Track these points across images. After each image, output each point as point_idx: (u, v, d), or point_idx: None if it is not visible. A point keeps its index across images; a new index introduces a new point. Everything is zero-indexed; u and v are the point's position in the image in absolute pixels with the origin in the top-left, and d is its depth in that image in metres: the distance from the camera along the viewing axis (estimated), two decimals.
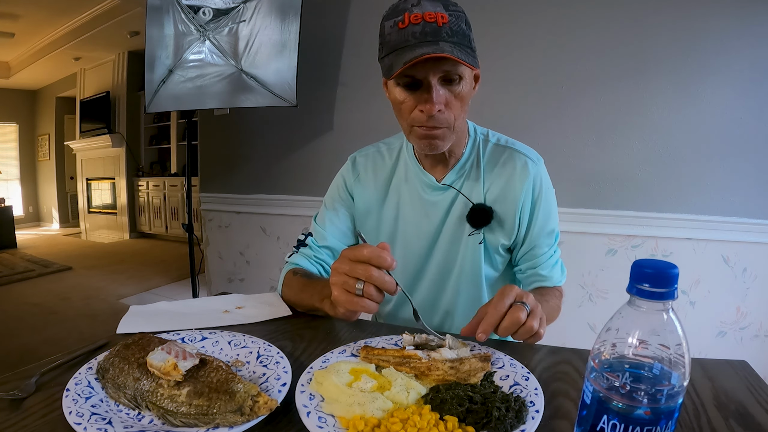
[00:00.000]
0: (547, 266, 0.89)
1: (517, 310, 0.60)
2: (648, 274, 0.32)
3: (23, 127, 7.11)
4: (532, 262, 0.89)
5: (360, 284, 0.59)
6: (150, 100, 2.14)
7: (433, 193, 0.88)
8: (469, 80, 0.75)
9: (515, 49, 1.79)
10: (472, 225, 0.85)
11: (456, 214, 0.87)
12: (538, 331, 0.62)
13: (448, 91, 0.73)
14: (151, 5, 2.07)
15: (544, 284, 0.89)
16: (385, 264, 0.59)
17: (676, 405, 0.32)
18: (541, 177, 0.87)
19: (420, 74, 0.70)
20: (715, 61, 1.56)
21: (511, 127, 0.89)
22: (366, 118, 2.05)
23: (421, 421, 0.43)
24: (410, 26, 0.67)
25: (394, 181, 0.92)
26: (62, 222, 7.23)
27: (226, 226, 2.55)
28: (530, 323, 0.60)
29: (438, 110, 0.72)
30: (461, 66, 0.70)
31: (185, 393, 0.46)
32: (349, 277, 0.60)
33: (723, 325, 1.71)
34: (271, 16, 1.99)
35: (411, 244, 0.91)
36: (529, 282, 0.91)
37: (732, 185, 1.61)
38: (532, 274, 0.89)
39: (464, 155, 0.87)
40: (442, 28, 0.67)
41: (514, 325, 0.59)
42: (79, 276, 4.13)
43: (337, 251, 0.94)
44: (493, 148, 0.88)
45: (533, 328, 0.60)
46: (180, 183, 5.49)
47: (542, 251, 0.88)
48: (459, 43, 0.68)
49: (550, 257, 0.89)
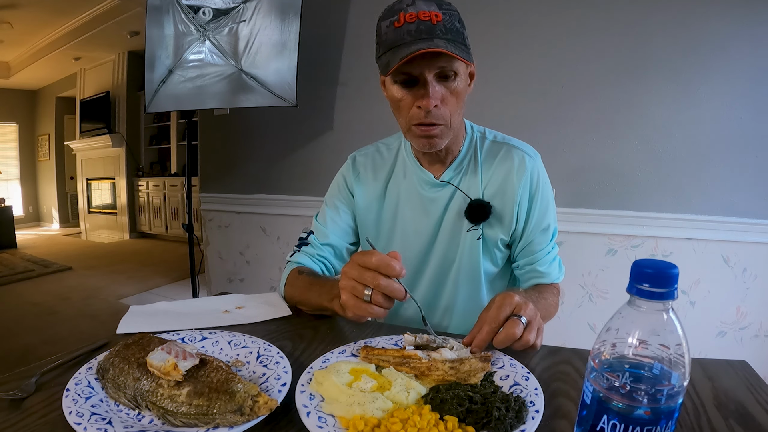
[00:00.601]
0: (545, 262, 0.89)
1: (513, 325, 0.59)
2: (648, 274, 0.32)
3: (23, 127, 7.11)
4: (530, 258, 0.89)
5: (368, 290, 0.60)
6: (150, 100, 2.14)
7: (432, 189, 0.89)
8: (464, 77, 0.77)
9: (515, 50, 1.79)
10: (471, 220, 0.86)
11: (454, 210, 0.88)
12: (535, 343, 0.62)
13: (444, 88, 0.74)
14: (151, 5, 2.07)
15: (541, 281, 0.89)
16: (393, 273, 0.59)
17: (676, 405, 0.32)
18: (539, 172, 0.88)
19: (416, 71, 0.72)
20: (715, 61, 1.56)
21: (511, 126, 0.89)
22: (366, 118, 2.05)
23: (421, 421, 0.43)
24: (405, 25, 0.70)
25: (393, 179, 0.93)
26: (62, 222, 7.23)
27: (226, 226, 2.55)
28: (526, 337, 0.60)
29: (435, 105, 0.73)
30: (456, 62, 0.72)
31: (185, 393, 0.46)
32: (358, 283, 0.61)
33: (723, 325, 1.71)
34: (271, 16, 1.99)
35: (410, 241, 0.92)
36: (527, 278, 0.91)
37: (732, 185, 1.61)
38: (530, 270, 0.90)
39: (461, 152, 0.88)
40: (436, 26, 0.69)
41: (509, 339, 0.59)
42: (79, 276, 4.13)
43: (338, 249, 0.95)
44: (490, 144, 0.89)
45: (528, 342, 0.60)
46: (180, 183, 5.49)
47: (540, 247, 0.88)
48: (453, 40, 0.70)
49: (547, 253, 0.89)
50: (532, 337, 0.60)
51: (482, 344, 0.60)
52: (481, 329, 0.60)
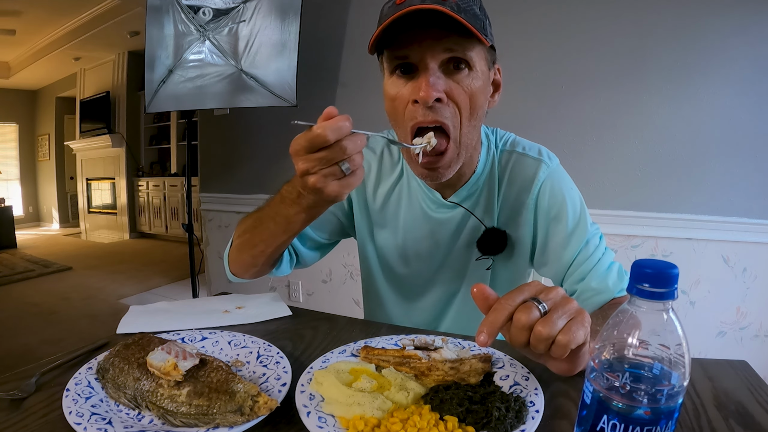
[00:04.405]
0: (596, 276, 0.70)
1: (526, 310, 0.44)
2: (648, 274, 0.32)
3: (23, 127, 7.11)
4: (577, 276, 0.71)
5: (345, 164, 0.48)
6: (150, 100, 2.14)
7: (440, 210, 0.76)
8: (484, 75, 0.62)
9: (515, 49, 1.79)
10: (484, 251, 0.74)
11: (466, 237, 0.76)
12: (560, 339, 0.43)
13: (453, 81, 0.60)
14: (151, 5, 2.07)
15: (600, 298, 0.70)
16: (347, 130, 0.47)
17: (676, 405, 0.32)
18: (555, 179, 0.73)
19: (416, 56, 0.58)
20: (714, 60, 1.56)
21: (510, 126, 0.88)
22: (366, 118, 2.05)
23: (421, 421, 0.43)
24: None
25: (397, 190, 0.80)
26: (62, 222, 7.23)
27: (226, 226, 2.55)
28: (538, 329, 0.43)
29: (436, 98, 0.58)
30: (472, 48, 0.57)
31: (185, 393, 0.46)
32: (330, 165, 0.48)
33: (723, 325, 1.71)
34: (271, 16, 1.99)
35: (411, 263, 0.82)
36: (586, 302, 0.71)
37: (732, 185, 1.61)
38: (584, 291, 0.71)
39: (477, 171, 0.74)
40: (446, 1, 0.55)
41: (519, 329, 0.44)
42: (79, 276, 4.13)
43: (307, 237, 0.82)
44: (502, 155, 0.76)
45: (541, 335, 0.42)
46: (180, 183, 5.49)
47: (583, 261, 0.71)
48: (468, 20, 0.55)
49: (595, 263, 0.71)
50: (549, 329, 0.42)
51: (491, 328, 0.44)
52: (490, 312, 0.45)
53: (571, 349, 0.43)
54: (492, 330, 0.44)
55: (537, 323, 0.43)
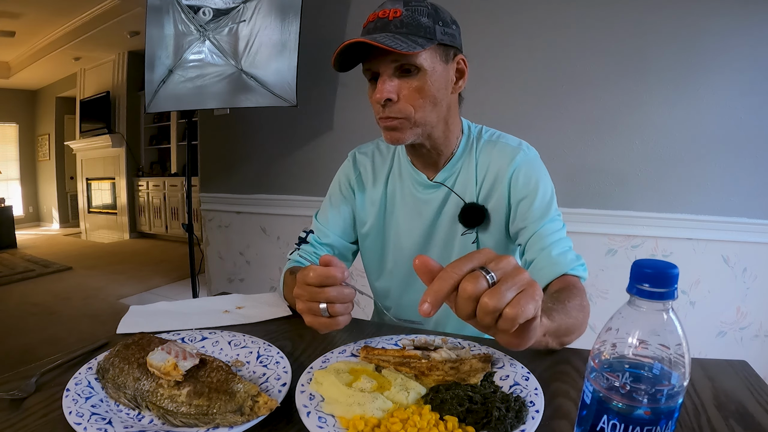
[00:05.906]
0: (557, 247, 0.76)
1: (472, 280, 0.41)
2: (648, 274, 0.32)
3: (23, 127, 7.11)
4: (539, 246, 0.77)
5: (323, 305, 0.58)
6: (150, 100, 2.14)
7: (425, 191, 0.87)
8: (437, 73, 0.73)
9: (515, 49, 1.79)
10: (465, 224, 0.84)
11: (449, 213, 0.86)
12: (507, 312, 0.41)
13: (405, 83, 0.73)
14: (151, 5, 2.07)
15: (554, 270, 0.74)
16: (336, 281, 0.57)
17: (676, 405, 0.32)
18: (531, 164, 0.82)
19: (374, 67, 0.73)
20: (714, 60, 1.56)
21: (510, 127, 0.88)
22: (366, 118, 2.04)
23: (421, 421, 0.43)
24: (368, 24, 0.73)
25: (391, 179, 0.92)
26: (62, 222, 7.23)
27: (226, 226, 2.55)
28: (485, 300, 0.40)
29: (387, 99, 0.72)
30: (417, 58, 0.70)
31: (185, 393, 0.46)
32: (311, 302, 0.58)
33: (723, 325, 1.71)
34: (271, 16, 1.99)
35: (402, 242, 0.91)
36: (543, 276, 0.75)
37: (732, 185, 1.61)
38: (542, 259, 0.76)
39: (456, 153, 0.85)
40: (392, 21, 0.70)
41: (464, 300, 0.41)
42: (79, 276, 4.13)
43: (337, 248, 0.95)
44: (485, 144, 0.86)
45: (488, 307, 0.40)
46: (180, 183, 5.49)
47: (549, 234, 0.78)
48: (408, 33, 0.69)
49: (558, 238, 0.78)
50: (495, 302, 0.40)
51: (434, 297, 0.42)
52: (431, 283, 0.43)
53: (519, 324, 0.42)
54: (436, 299, 0.42)
55: (484, 294, 0.41)
